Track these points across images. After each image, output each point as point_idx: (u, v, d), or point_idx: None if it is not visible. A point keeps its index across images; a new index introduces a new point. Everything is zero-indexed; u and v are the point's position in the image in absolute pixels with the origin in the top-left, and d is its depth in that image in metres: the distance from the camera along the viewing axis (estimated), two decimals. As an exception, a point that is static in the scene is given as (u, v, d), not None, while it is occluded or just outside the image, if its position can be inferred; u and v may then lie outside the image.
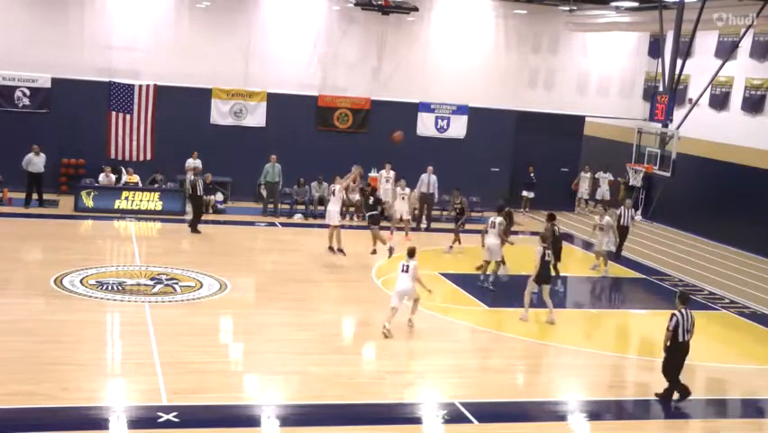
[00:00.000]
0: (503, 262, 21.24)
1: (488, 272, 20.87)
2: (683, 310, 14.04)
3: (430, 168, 27.72)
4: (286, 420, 12.61)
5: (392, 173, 27.89)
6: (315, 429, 12.36)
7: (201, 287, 19.01)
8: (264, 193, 27.64)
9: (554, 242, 20.77)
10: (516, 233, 24.49)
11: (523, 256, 21.67)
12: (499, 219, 20.85)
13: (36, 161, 25.92)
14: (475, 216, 29.30)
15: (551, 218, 21.44)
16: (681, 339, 13.98)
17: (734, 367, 16.73)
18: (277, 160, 27.58)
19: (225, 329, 17.29)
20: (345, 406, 13.26)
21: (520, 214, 30.64)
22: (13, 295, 17.69)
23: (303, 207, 27.97)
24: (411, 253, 16.88)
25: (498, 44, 32.04)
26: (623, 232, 24.92)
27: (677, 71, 25.82)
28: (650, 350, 17.67)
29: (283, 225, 26.66)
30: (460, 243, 24.48)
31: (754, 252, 26.90)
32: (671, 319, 14.04)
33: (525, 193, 31.59)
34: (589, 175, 32.62)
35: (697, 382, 16.14)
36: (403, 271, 16.69)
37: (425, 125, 31.19)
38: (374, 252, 22.24)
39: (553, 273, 19.59)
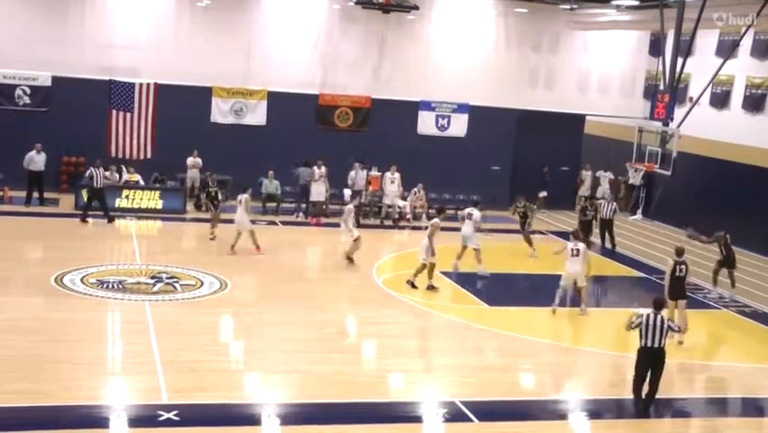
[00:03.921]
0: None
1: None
2: (653, 314, 13.46)
3: (357, 164, 27.77)
4: (286, 419, 12.60)
5: (397, 175, 27.96)
6: (315, 428, 12.34)
7: (201, 285, 19.00)
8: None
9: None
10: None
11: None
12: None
13: (37, 160, 25.95)
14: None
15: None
16: (642, 344, 13.43)
17: (734, 366, 16.72)
18: (274, 176, 27.67)
19: (226, 328, 17.30)
20: (346, 405, 13.26)
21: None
22: (14, 293, 17.69)
23: (304, 205, 28.04)
24: (576, 236, 19.48)
25: (498, 43, 32.02)
26: (605, 225, 25.75)
27: (678, 70, 25.83)
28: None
29: (284, 223, 26.65)
30: (531, 245, 24.12)
31: (755, 250, 26.84)
32: (637, 317, 13.53)
33: (541, 194, 31.45)
34: (589, 173, 32.59)
35: (697, 381, 16.20)
36: (573, 255, 18.63)
37: (426, 124, 31.18)
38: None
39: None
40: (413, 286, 19.79)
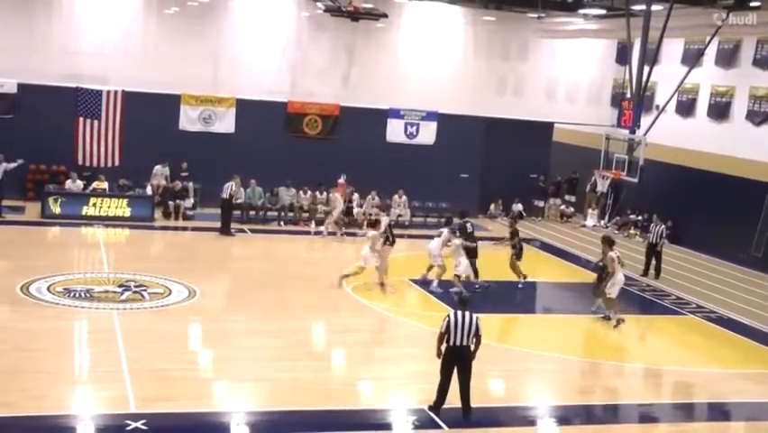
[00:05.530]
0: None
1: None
2: (459, 312, 13.10)
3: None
4: (255, 427, 12.56)
5: (404, 198, 28.67)
6: (284, 436, 12.33)
7: (170, 294, 18.89)
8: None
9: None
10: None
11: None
12: None
13: None
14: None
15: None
16: (451, 343, 13.07)
17: (700, 371, 16.88)
18: (258, 183, 27.72)
19: (194, 336, 17.22)
20: (315, 413, 13.23)
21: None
22: (-21, 303, 17.49)
23: (276, 213, 28.04)
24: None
25: (467, 51, 32.17)
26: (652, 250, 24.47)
27: (644, 78, 26.08)
28: (619, 355, 17.87)
29: (252, 231, 26.57)
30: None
31: (719, 256, 27.19)
32: (443, 321, 13.17)
33: (546, 203, 31.51)
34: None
35: (664, 386, 16.34)
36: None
37: (395, 132, 31.22)
38: None
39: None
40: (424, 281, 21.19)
